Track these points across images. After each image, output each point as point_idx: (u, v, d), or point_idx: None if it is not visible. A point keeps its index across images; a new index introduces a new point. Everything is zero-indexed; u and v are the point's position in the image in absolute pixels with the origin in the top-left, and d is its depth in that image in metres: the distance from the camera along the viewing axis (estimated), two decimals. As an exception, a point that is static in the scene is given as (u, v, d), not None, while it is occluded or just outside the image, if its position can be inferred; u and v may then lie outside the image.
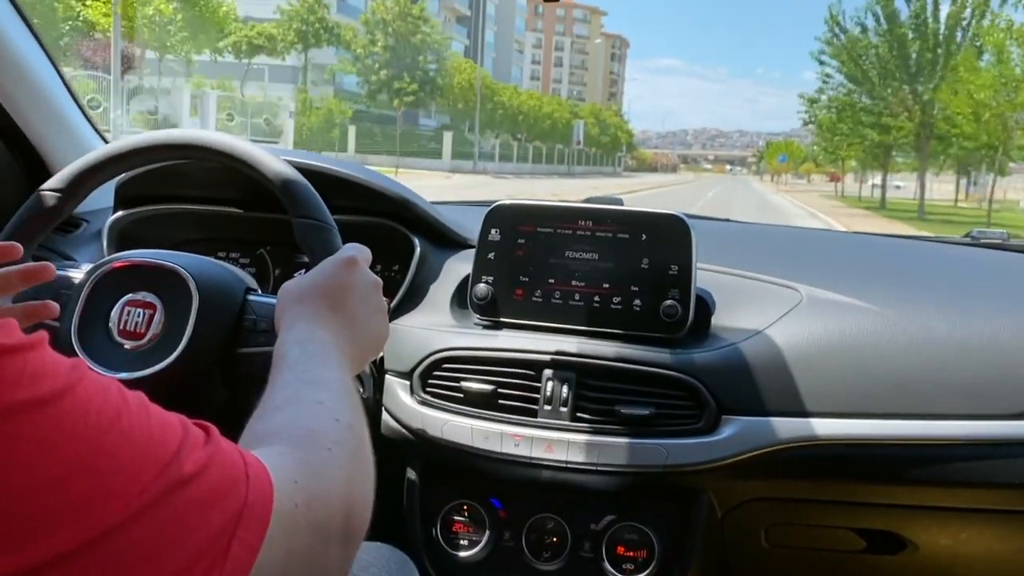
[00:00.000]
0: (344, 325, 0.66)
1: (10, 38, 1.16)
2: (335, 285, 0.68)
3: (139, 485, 0.36)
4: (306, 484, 0.46)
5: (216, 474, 0.40)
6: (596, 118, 66.17)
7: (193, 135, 0.88)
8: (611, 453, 0.94)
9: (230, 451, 0.42)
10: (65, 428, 0.35)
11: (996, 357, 0.94)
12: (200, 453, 0.40)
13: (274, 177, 0.84)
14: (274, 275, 1.24)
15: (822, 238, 1.64)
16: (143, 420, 0.39)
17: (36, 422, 0.34)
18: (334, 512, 0.47)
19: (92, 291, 0.83)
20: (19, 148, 1.24)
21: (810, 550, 1.05)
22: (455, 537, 1.04)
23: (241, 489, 0.40)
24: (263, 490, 0.42)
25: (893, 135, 24.48)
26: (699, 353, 0.97)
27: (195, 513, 0.38)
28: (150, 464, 0.37)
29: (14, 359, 0.34)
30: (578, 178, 46.65)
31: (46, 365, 0.36)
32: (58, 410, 0.35)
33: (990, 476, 0.92)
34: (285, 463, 0.46)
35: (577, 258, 1.03)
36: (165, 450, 0.38)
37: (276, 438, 0.50)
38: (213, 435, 0.43)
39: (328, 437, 0.51)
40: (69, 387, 0.36)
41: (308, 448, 0.49)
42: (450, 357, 1.01)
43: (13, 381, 0.33)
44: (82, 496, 0.34)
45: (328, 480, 0.48)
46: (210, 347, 0.81)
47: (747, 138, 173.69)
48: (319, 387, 0.57)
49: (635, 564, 1.00)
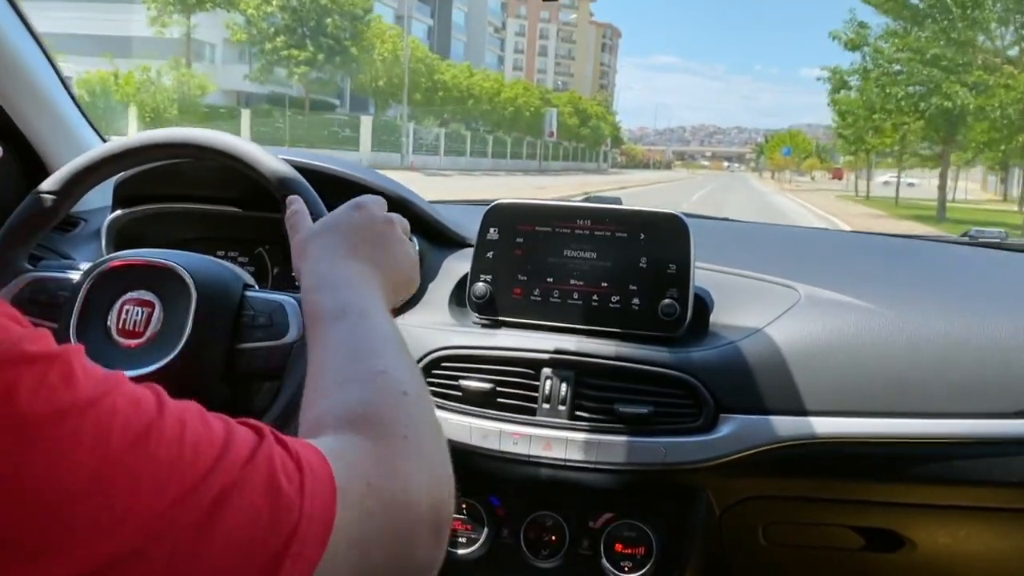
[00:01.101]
0: (367, 258, 0.62)
1: (8, 37, 1.16)
2: (349, 223, 0.65)
3: (158, 507, 0.33)
4: (381, 486, 0.41)
5: (255, 491, 0.36)
6: (575, 107, 57.74)
7: (191, 134, 0.88)
8: (609, 451, 0.94)
9: (280, 454, 0.38)
10: (85, 441, 0.33)
11: (994, 355, 0.94)
12: (238, 472, 0.36)
13: (272, 176, 0.84)
14: (272, 274, 1.24)
15: (820, 237, 1.65)
16: (176, 436, 0.35)
17: (52, 435, 0.32)
18: (419, 514, 0.42)
19: (90, 290, 0.83)
20: (16, 147, 1.24)
21: (808, 548, 1.05)
22: (453, 535, 1.04)
23: (295, 503, 0.36)
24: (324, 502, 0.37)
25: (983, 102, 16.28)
26: (697, 352, 0.97)
27: (228, 536, 0.35)
28: (173, 485, 0.34)
29: (34, 368, 0.33)
30: (550, 175, 40.73)
31: (74, 376, 0.34)
32: (79, 423, 0.33)
33: (988, 474, 0.92)
34: (354, 459, 0.41)
35: (575, 257, 1.03)
36: (195, 470, 0.35)
37: (341, 426, 0.44)
38: (264, 442, 0.38)
39: (400, 419, 0.46)
40: (95, 399, 0.34)
41: (381, 438, 0.44)
42: (449, 356, 1.01)
43: (32, 391, 0.32)
44: (100, 514, 0.32)
45: (408, 477, 0.43)
46: (209, 344, 0.81)
47: (745, 134, 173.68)
48: (374, 350, 0.51)
49: (633, 562, 1.00)
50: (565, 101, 58.05)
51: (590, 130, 60.99)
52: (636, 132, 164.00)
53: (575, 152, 60.81)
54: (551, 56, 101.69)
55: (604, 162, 72.18)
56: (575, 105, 59.27)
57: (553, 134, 48.86)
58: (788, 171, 64.10)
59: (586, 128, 59.77)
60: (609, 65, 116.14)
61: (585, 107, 62.56)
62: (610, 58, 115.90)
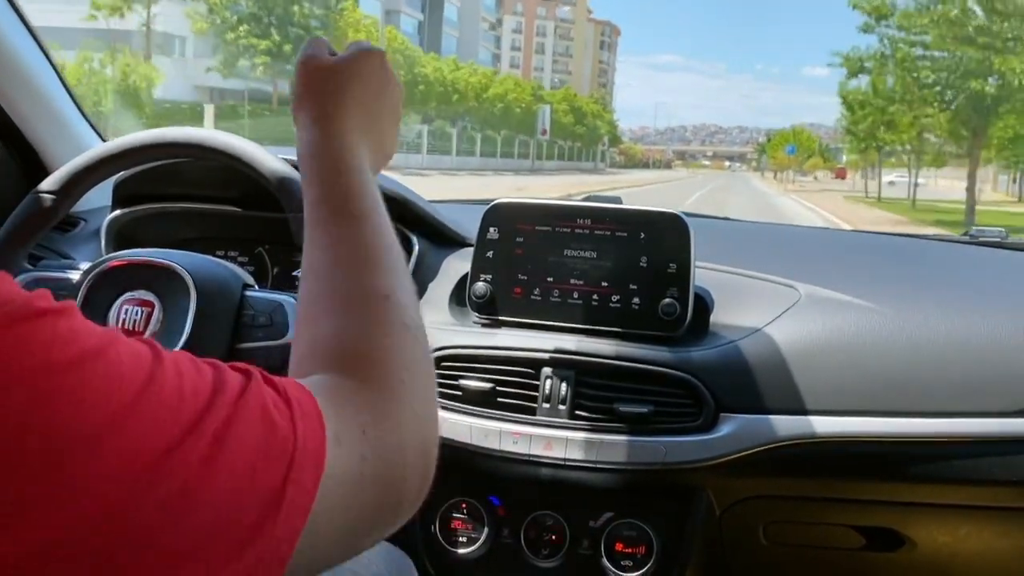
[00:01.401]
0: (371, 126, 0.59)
1: (7, 36, 1.15)
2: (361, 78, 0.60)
3: (166, 446, 0.34)
4: (376, 435, 0.40)
5: (252, 423, 0.36)
6: (570, 105, 56.05)
7: (190, 133, 0.88)
8: (610, 451, 0.94)
9: (271, 398, 0.38)
10: (99, 387, 0.34)
11: (994, 354, 0.94)
12: (232, 407, 0.36)
13: (271, 175, 0.84)
14: (272, 274, 1.24)
15: (820, 236, 1.64)
16: (175, 382, 0.36)
17: (70, 382, 0.34)
18: (410, 457, 0.41)
19: (90, 290, 0.83)
20: (16, 146, 1.24)
21: (809, 547, 1.05)
22: (454, 534, 1.05)
23: (288, 435, 0.36)
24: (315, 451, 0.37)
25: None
26: (697, 351, 0.97)
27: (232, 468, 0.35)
28: (178, 426, 0.35)
29: (46, 321, 0.34)
30: (543, 175, 39.13)
31: (77, 329, 0.36)
32: (91, 371, 0.35)
33: (988, 473, 0.92)
34: (348, 403, 0.40)
35: (576, 256, 1.03)
36: (194, 410, 0.36)
37: (336, 361, 0.42)
38: (252, 381, 0.39)
39: (399, 359, 0.43)
40: (101, 349, 0.36)
41: (378, 381, 0.42)
42: (449, 355, 1.01)
43: (47, 342, 0.34)
44: (115, 458, 0.34)
45: (403, 425, 0.41)
46: (209, 344, 0.81)
47: (747, 134, 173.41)
48: (378, 264, 0.48)
49: (634, 561, 1.00)
50: (560, 98, 56.42)
51: (586, 128, 58.86)
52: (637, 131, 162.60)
53: (571, 151, 58.61)
54: (548, 54, 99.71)
55: (601, 161, 69.76)
56: (570, 102, 57.60)
57: (546, 132, 46.01)
58: (791, 171, 60.80)
59: (581, 126, 57.62)
60: (608, 63, 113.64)
61: (580, 104, 60.59)
62: (609, 56, 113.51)
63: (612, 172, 62.51)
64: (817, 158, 72.29)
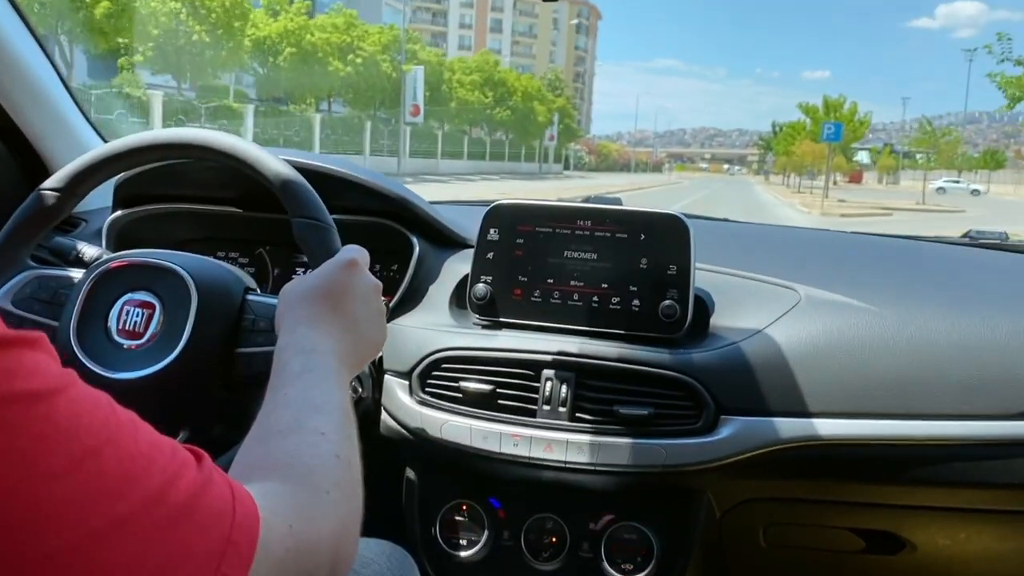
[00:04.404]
0: (345, 329, 0.66)
1: (8, 37, 1.15)
2: (336, 287, 0.69)
3: (126, 498, 0.36)
4: (300, 529, 0.46)
5: (203, 504, 0.40)
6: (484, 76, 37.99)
7: (192, 134, 0.88)
8: (610, 453, 0.94)
9: (219, 483, 0.42)
10: (61, 425, 0.35)
11: (994, 357, 0.94)
12: (189, 480, 0.40)
13: (273, 177, 0.84)
14: (273, 275, 1.24)
15: (820, 238, 1.64)
16: (132, 436, 0.39)
17: (33, 414, 0.34)
18: (323, 559, 0.48)
19: (91, 290, 0.83)
20: (17, 146, 1.24)
21: (809, 550, 1.05)
22: (454, 537, 1.05)
23: (226, 524, 0.40)
24: (250, 528, 0.42)
25: None
26: (698, 353, 0.97)
27: (178, 537, 0.38)
28: (140, 480, 0.37)
29: (9, 352, 0.35)
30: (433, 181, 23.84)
31: (39, 364, 0.36)
32: (53, 407, 0.35)
33: (988, 476, 0.92)
34: (282, 504, 0.46)
35: (576, 258, 1.03)
36: (158, 469, 0.38)
37: (276, 473, 0.50)
38: (205, 463, 0.42)
39: (327, 478, 0.51)
40: (62, 387, 0.36)
41: (307, 491, 0.49)
42: (449, 357, 1.01)
43: (9, 372, 0.34)
44: (76, 496, 0.34)
45: (322, 526, 0.48)
46: (209, 347, 0.81)
47: (746, 137, 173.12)
48: (321, 413, 0.57)
49: (634, 564, 1.00)
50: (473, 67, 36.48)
51: (512, 113, 39.44)
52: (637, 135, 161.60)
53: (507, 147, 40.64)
54: (507, 33, 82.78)
55: (557, 163, 54.00)
56: (485, 73, 38.33)
57: (419, 111, 29.64)
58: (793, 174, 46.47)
59: (503, 109, 38.71)
60: (586, 50, 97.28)
61: (505, 78, 40.30)
62: (587, 42, 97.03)
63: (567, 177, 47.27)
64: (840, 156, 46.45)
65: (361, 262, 0.72)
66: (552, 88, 55.03)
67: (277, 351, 0.63)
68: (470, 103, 36.97)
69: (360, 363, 0.69)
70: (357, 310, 0.69)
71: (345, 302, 0.68)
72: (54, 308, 0.85)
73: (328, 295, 0.68)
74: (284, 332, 0.65)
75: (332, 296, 0.68)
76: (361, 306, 0.69)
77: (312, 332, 0.64)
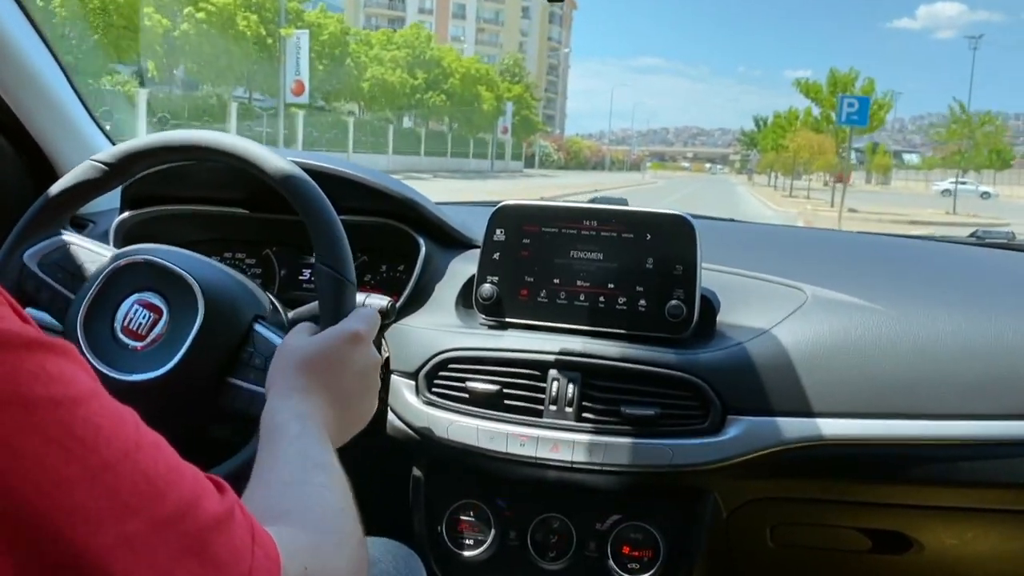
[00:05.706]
0: (333, 403, 0.67)
1: (14, 35, 1.16)
2: (334, 360, 0.69)
3: (138, 516, 0.36)
4: (315, 571, 0.47)
5: (221, 540, 0.39)
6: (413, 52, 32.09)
7: (199, 136, 0.88)
8: (616, 453, 0.94)
9: (240, 520, 0.42)
10: (78, 434, 0.35)
11: (1002, 357, 0.94)
12: (207, 511, 0.39)
13: (280, 178, 0.84)
14: (280, 275, 1.24)
15: (827, 238, 1.64)
16: (153, 457, 0.39)
17: (49, 419, 0.34)
18: None
19: (108, 281, 0.82)
20: (23, 145, 1.25)
21: (816, 550, 1.05)
22: (460, 536, 1.05)
23: (244, 565, 0.40)
24: (269, 570, 0.42)
25: None
26: (704, 353, 0.97)
27: (189, 567, 0.38)
28: (155, 501, 0.37)
29: (35, 355, 0.35)
30: None
31: (63, 372, 0.36)
32: (72, 415, 0.35)
33: (996, 476, 0.92)
34: (299, 546, 0.47)
35: (582, 258, 1.03)
36: (175, 494, 0.38)
37: (289, 518, 0.51)
38: (227, 495, 0.43)
39: (336, 526, 0.53)
40: (85, 398, 0.36)
41: (320, 535, 0.51)
42: (455, 357, 1.01)
43: (32, 376, 0.34)
44: (87, 506, 0.34)
45: (335, 567, 0.50)
46: (199, 371, 0.79)
47: (729, 135, 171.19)
48: (322, 470, 0.58)
49: (640, 564, 1.00)
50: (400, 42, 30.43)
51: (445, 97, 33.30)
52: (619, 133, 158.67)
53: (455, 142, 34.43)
54: (471, 19, 75.09)
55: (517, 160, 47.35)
56: (416, 49, 32.25)
57: (303, 88, 24.20)
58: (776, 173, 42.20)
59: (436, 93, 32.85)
60: (560, 41, 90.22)
61: (439, 56, 34.12)
62: (561, 32, 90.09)
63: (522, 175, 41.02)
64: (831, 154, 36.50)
65: (366, 336, 0.72)
66: (511, 75, 50.35)
67: (270, 411, 0.63)
68: (390, 83, 29.59)
69: (343, 438, 0.69)
70: (351, 386, 0.69)
71: (341, 377, 0.68)
72: (76, 281, 0.85)
73: (325, 368, 0.68)
74: (278, 396, 0.65)
75: (329, 369, 0.68)
76: (356, 382, 0.70)
77: (305, 403, 0.65)
